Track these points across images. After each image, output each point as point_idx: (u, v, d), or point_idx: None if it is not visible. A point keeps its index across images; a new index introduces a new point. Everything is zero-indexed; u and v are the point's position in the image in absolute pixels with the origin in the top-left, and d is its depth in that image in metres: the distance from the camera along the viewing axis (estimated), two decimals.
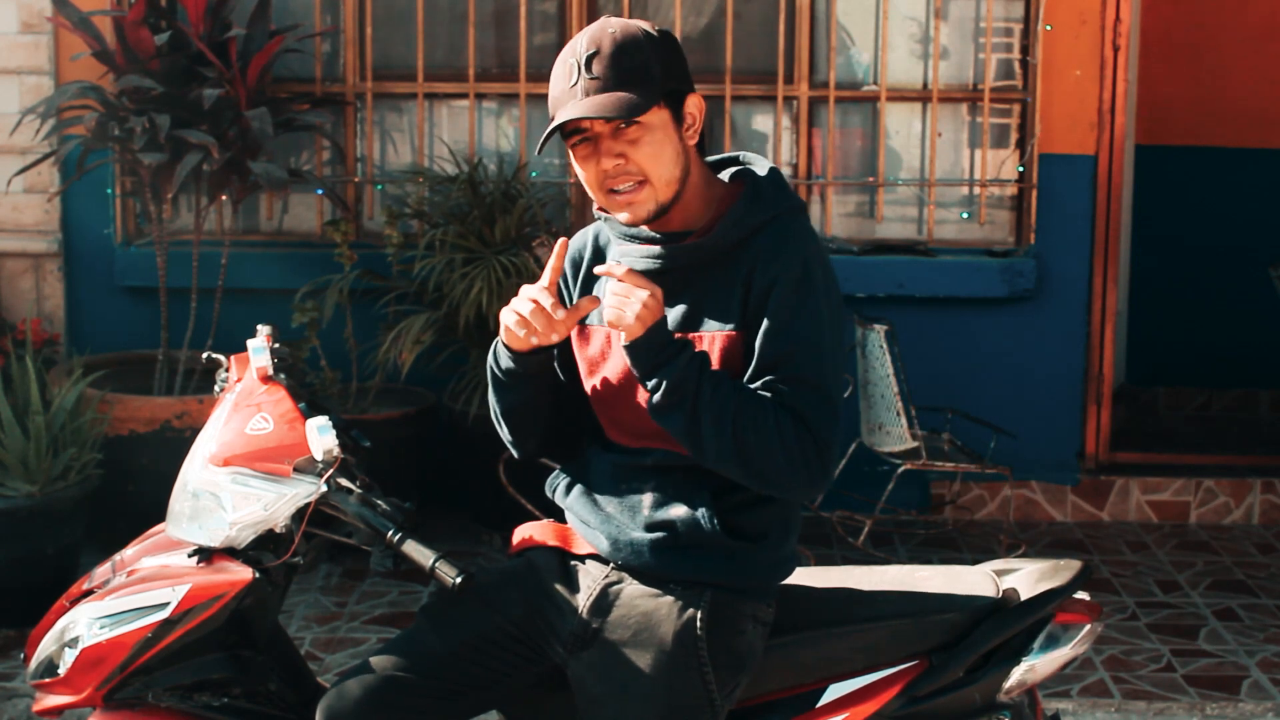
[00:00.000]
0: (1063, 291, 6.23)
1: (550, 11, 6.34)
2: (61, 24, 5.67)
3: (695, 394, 2.52)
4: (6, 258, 6.14)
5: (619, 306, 2.53)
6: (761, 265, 2.59)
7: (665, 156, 2.60)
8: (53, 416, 4.95)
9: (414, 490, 5.68)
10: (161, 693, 2.78)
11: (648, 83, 2.57)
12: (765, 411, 2.52)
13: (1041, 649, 2.81)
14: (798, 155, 6.31)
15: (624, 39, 2.58)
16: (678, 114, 2.63)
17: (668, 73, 2.60)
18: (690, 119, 2.65)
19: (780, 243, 2.61)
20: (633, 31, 2.60)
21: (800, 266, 2.59)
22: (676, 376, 2.52)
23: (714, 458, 2.55)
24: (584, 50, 2.58)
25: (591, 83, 2.56)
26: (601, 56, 2.57)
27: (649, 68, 2.58)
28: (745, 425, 2.51)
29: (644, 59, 2.58)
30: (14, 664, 4.70)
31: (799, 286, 2.58)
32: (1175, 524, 6.27)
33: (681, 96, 2.64)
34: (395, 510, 2.70)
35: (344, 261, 5.76)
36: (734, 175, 2.73)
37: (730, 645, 2.65)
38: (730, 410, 2.52)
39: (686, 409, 2.52)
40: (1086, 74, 6.15)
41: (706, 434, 2.53)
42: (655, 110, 2.58)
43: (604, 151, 2.59)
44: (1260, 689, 4.67)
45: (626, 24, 2.62)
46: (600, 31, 2.60)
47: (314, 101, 6.07)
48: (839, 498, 6.00)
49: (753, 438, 2.51)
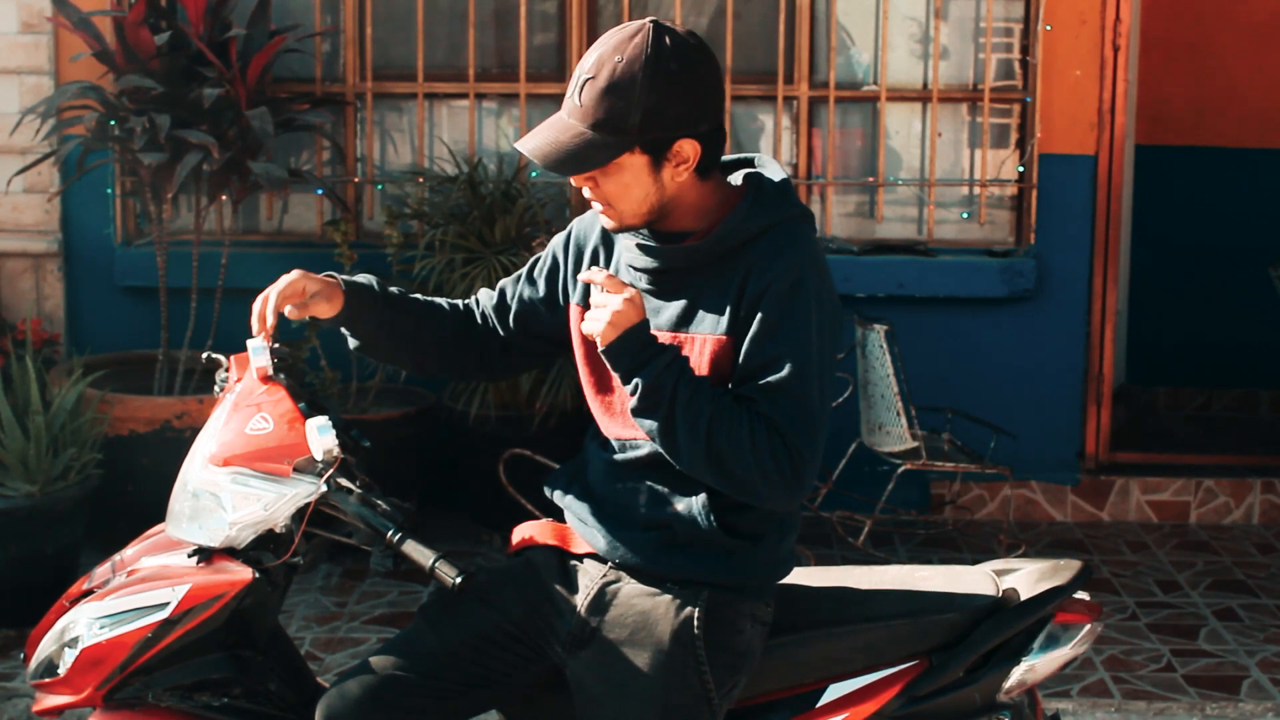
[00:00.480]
0: (1063, 291, 6.23)
1: (550, 11, 6.34)
2: (61, 24, 5.67)
3: (671, 398, 2.51)
4: (6, 258, 6.13)
5: (594, 317, 2.55)
6: (757, 271, 2.57)
7: (632, 196, 2.58)
8: (53, 416, 4.95)
9: (414, 490, 5.68)
10: (161, 693, 2.78)
11: (620, 131, 2.52)
12: (739, 419, 2.51)
13: (1041, 649, 2.81)
14: (798, 155, 6.31)
15: (621, 77, 2.51)
16: (660, 156, 2.55)
17: (649, 122, 2.51)
18: (679, 158, 2.57)
19: (778, 250, 2.59)
20: (635, 69, 2.50)
21: (794, 274, 2.56)
22: (653, 380, 2.51)
23: (688, 462, 2.55)
24: (587, 69, 2.55)
25: (575, 106, 2.55)
26: (595, 85, 2.53)
27: (628, 116, 2.51)
28: (719, 432, 2.50)
29: (627, 106, 2.50)
30: (14, 664, 4.70)
31: (790, 294, 2.55)
32: (1175, 524, 6.27)
33: (667, 144, 2.54)
34: (395, 510, 2.70)
35: (344, 261, 5.76)
36: (745, 178, 2.71)
37: (728, 644, 2.65)
38: (705, 416, 2.50)
39: (662, 412, 2.52)
40: (1086, 74, 6.15)
41: (681, 439, 2.52)
42: (625, 155, 2.53)
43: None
44: (1260, 689, 4.67)
45: (642, 53, 2.51)
46: (610, 53, 2.53)
47: (314, 101, 6.07)
48: (839, 498, 6.00)
49: (725, 445, 2.50)
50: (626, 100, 2.51)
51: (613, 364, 2.55)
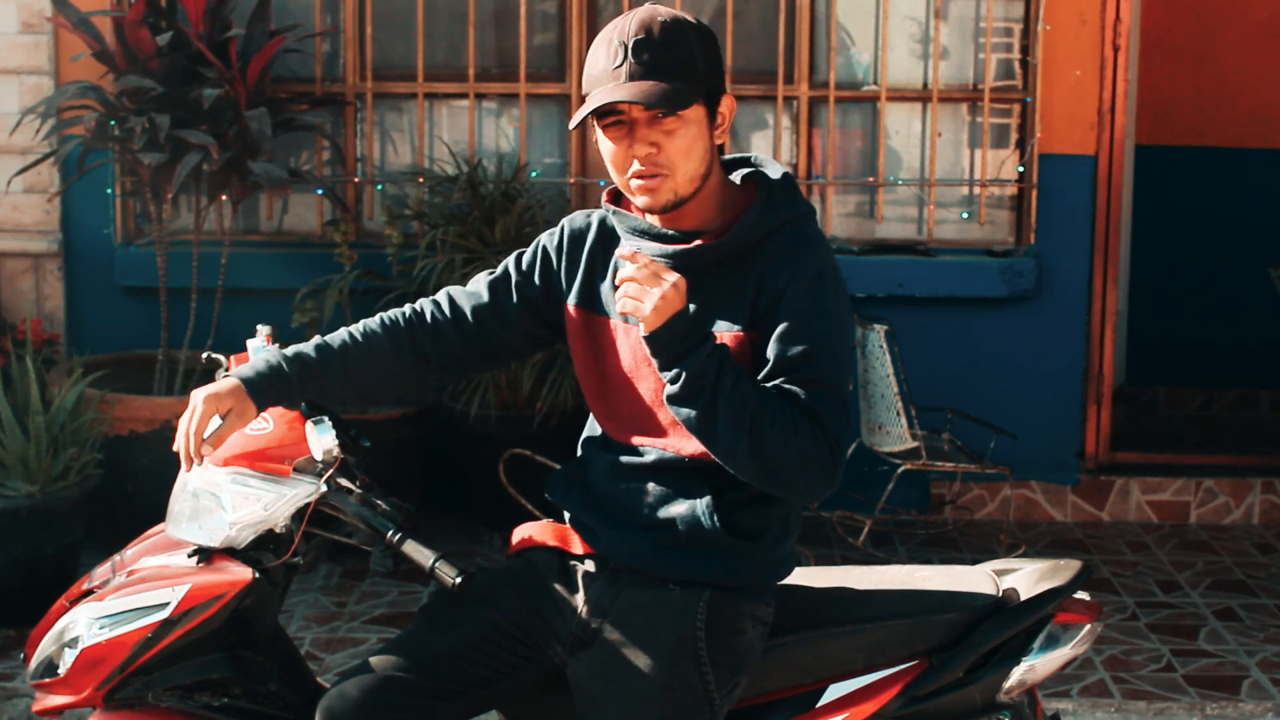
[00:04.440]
0: (1063, 291, 6.23)
1: (550, 11, 6.34)
2: (61, 24, 5.67)
3: (714, 386, 2.50)
4: (6, 258, 6.13)
5: (636, 296, 2.50)
6: (774, 268, 2.59)
7: (696, 153, 2.59)
8: (53, 416, 4.95)
9: (414, 490, 5.68)
10: (161, 693, 2.78)
11: (692, 77, 2.56)
12: (783, 410, 2.51)
13: (1041, 649, 2.81)
14: (798, 155, 6.31)
15: (674, 29, 2.57)
16: (713, 112, 2.62)
17: (710, 70, 2.60)
18: (722, 119, 2.64)
19: (794, 247, 2.61)
20: (682, 22, 2.59)
21: (815, 270, 2.59)
22: (697, 368, 2.50)
23: (726, 451, 2.53)
24: (633, 33, 2.56)
25: (637, 67, 2.54)
26: (651, 42, 2.55)
27: (694, 62, 2.57)
28: (764, 423, 2.49)
29: (690, 52, 2.57)
30: (14, 664, 4.70)
31: (813, 289, 2.57)
32: (1175, 524, 6.27)
33: (718, 96, 2.63)
34: (395, 510, 2.70)
35: (344, 261, 5.76)
36: (746, 177, 2.72)
37: (729, 645, 2.65)
38: (749, 406, 2.50)
39: (704, 401, 2.50)
40: (1086, 74, 6.15)
41: (722, 428, 2.50)
42: (695, 106, 2.57)
43: (638, 138, 2.57)
44: (1260, 689, 4.67)
45: (675, 13, 2.61)
46: (650, 17, 2.57)
47: (314, 101, 6.07)
48: (839, 498, 6.00)
49: (769, 435, 2.49)
50: (690, 49, 2.57)
51: (654, 350, 2.53)
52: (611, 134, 2.60)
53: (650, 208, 2.63)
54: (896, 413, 5.58)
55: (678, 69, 2.55)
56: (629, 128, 2.58)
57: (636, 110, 2.56)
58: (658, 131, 2.57)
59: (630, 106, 2.56)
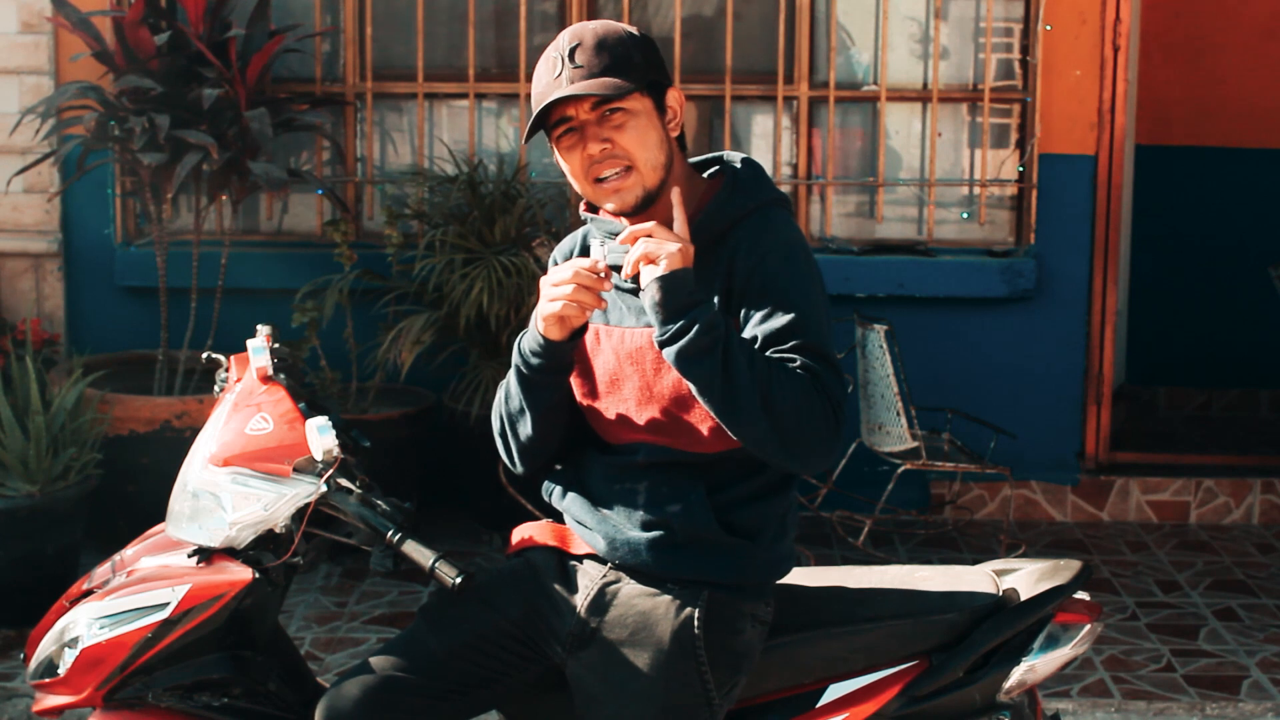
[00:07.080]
0: (1063, 291, 6.23)
1: (550, 11, 6.34)
2: (61, 24, 5.67)
3: (726, 337, 2.50)
4: (6, 258, 6.14)
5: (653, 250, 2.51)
6: (744, 251, 2.62)
7: (650, 141, 2.63)
8: (53, 416, 4.95)
9: (414, 490, 5.68)
10: (161, 693, 2.78)
11: (629, 70, 2.61)
12: (786, 369, 2.52)
13: (1041, 649, 2.81)
14: (798, 155, 6.31)
15: (605, 32, 2.64)
16: (659, 104, 2.67)
17: (648, 63, 2.66)
18: (672, 112, 2.69)
19: (761, 230, 2.64)
20: (613, 27, 2.67)
21: (785, 246, 2.62)
22: (709, 318, 2.50)
23: (743, 409, 2.49)
24: (566, 44, 2.63)
25: (576, 71, 2.60)
26: (584, 47, 2.62)
27: (630, 57, 2.62)
28: (772, 378, 2.49)
29: (625, 50, 2.63)
30: (14, 664, 4.70)
31: (787, 264, 2.61)
32: (1175, 524, 6.27)
33: (662, 89, 2.68)
34: (395, 510, 2.70)
35: (344, 261, 5.76)
36: (714, 173, 2.76)
37: (728, 644, 2.65)
38: (759, 362, 2.50)
39: (718, 353, 2.49)
40: (1086, 74, 6.15)
41: (739, 382, 2.48)
42: (638, 96, 2.62)
43: (590, 137, 2.62)
44: (1260, 689, 4.67)
45: (607, 22, 2.69)
46: (581, 28, 2.66)
47: (314, 101, 6.07)
48: (839, 498, 6.00)
49: (778, 391, 2.48)
50: (624, 47, 2.63)
51: (665, 298, 2.51)
52: (566, 144, 2.64)
53: (622, 209, 2.66)
54: (896, 413, 5.58)
55: (613, 65, 2.61)
56: (579, 133, 2.62)
57: (583, 112, 2.61)
58: (607, 128, 2.61)
59: (577, 109, 2.60)
